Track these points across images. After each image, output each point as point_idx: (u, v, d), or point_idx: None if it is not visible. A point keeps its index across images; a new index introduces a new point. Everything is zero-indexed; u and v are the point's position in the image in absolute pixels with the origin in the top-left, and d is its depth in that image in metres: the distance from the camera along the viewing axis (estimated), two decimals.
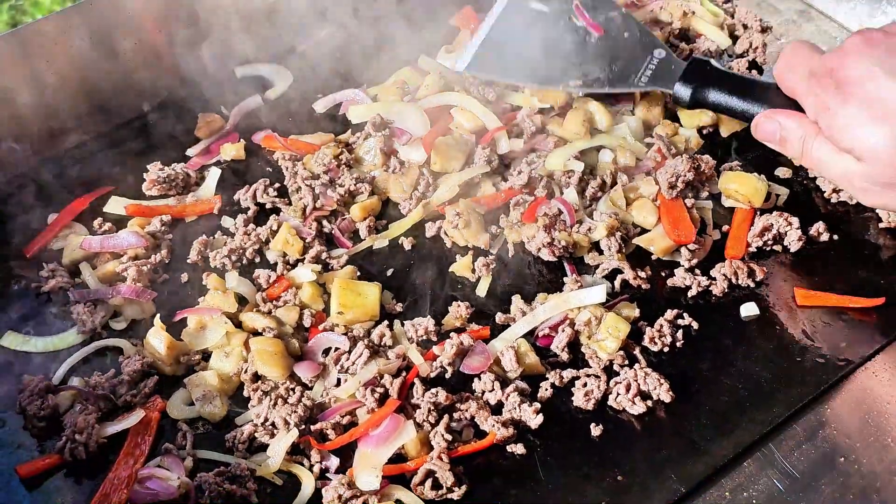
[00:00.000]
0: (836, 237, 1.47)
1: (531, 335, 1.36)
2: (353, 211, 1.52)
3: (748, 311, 1.37)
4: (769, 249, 1.46)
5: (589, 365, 1.33)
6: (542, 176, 1.53)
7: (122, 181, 1.60)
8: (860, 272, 1.42)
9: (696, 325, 1.36)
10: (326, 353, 1.34)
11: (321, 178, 1.55)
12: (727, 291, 1.41)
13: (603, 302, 1.36)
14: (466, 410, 1.26)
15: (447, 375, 1.31)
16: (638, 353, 1.33)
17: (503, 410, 1.27)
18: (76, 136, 1.66)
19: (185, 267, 1.48)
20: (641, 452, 1.23)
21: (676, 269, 1.43)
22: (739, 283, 1.41)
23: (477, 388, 1.30)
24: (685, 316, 1.37)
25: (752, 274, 1.42)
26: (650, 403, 1.27)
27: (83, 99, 1.65)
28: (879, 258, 1.44)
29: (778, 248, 1.46)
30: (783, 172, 1.56)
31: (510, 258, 1.47)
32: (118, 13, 1.62)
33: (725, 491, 1.20)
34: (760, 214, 1.48)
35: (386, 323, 1.37)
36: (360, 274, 1.45)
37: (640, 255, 1.46)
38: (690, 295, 1.41)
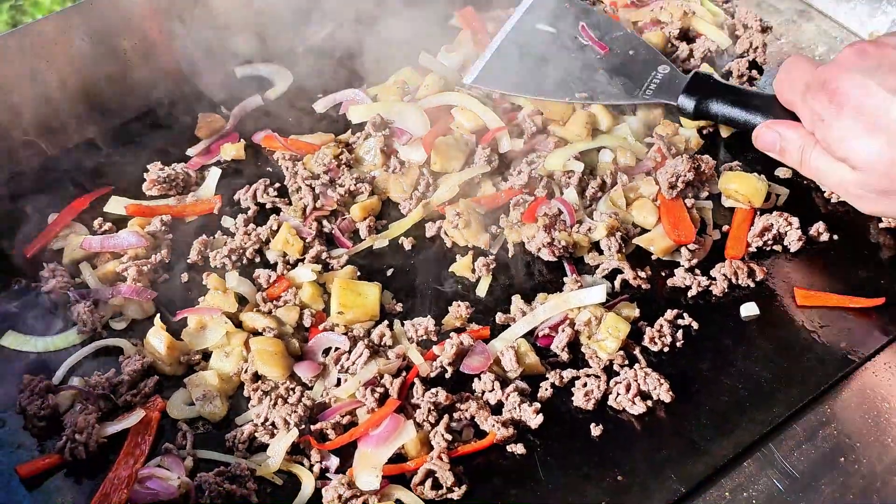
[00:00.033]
0: (836, 237, 1.47)
1: (531, 335, 1.36)
2: (353, 211, 1.52)
3: (748, 311, 1.37)
4: (769, 249, 1.46)
5: (589, 365, 1.33)
6: (542, 176, 1.53)
7: (122, 181, 1.59)
8: (860, 272, 1.42)
9: (696, 325, 1.36)
10: (326, 352, 1.34)
11: (321, 178, 1.55)
12: (727, 291, 1.40)
13: (603, 302, 1.36)
14: (466, 410, 1.26)
15: (447, 375, 1.31)
16: (638, 353, 1.33)
17: (503, 410, 1.27)
18: (76, 135, 1.66)
19: (185, 267, 1.48)
20: (641, 452, 1.23)
21: (676, 269, 1.43)
22: (739, 283, 1.41)
23: (477, 388, 1.30)
24: (685, 316, 1.37)
25: (752, 274, 1.41)
26: (650, 403, 1.27)
27: (83, 99, 1.65)
28: (879, 258, 1.44)
29: (778, 248, 1.46)
30: (783, 172, 1.55)
31: (510, 258, 1.47)
32: (118, 13, 1.62)
33: (725, 491, 1.20)
34: (760, 214, 1.48)
35: (386, 323, 1.37)
36: (360, 274, 1.45)
37: (640, 255, 1.46)
38: (690, 295, 1.41)
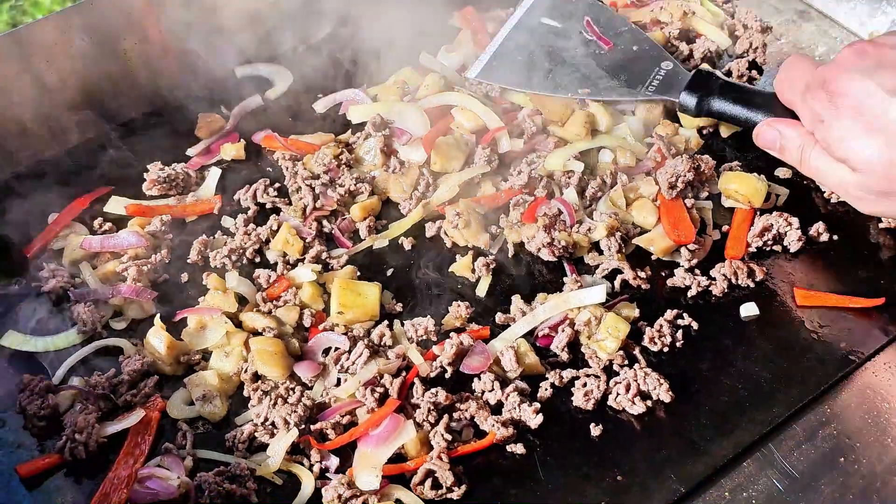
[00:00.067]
0: (836, 237, 1.47)
1: (531, 335, 1.36)
2: (353, 211, 1.52)
3: (748, 311, 1.37)
4: (769, 249, 1.46)
5: (589, 365, 1.33)
6: (541, 176, 1.53)
7: (122, 181, 1.59)
8: (860, 272, 1.42)
9: (695, 325, 1.36)
10: (326, 352, 1.34)
11: (321, 178, 1.55)
12: (727, 291, 1.40)
13: (603, 302, 1.36)
14: (466, 410, 1.26)
15: (447, 375, 1.31)
16: (638, 353, 1.33)
17: (503, 410, 1.27)
18: (76, 135, 1.66)
19: (185, 267, 1.48)
20: (641, 452, 1.23)
21: (676, 269, 1.43)
22: (739, 283, 1.41)
23: (477, 388, 1.30)
24: (685, 316, 1.37)
25: (751, 274, 1.41)
26: (650, 403, 1.27)
27: (83, 99, 1.65)
28: (879, 258, 1.44)
29: (778, 248, 1.46)
30: (783, 172, 1.55)
31: (510, 258, 1.47)
32: (118, 13, 1.62)
33: (725, 491, 1.20)
34: (760, 214, 1.48)
35: (386, 323, 1.37)
36: (360, 274, 1.45)
37: (640, 255, 1.46)
38: (690, 295, 1.41)
